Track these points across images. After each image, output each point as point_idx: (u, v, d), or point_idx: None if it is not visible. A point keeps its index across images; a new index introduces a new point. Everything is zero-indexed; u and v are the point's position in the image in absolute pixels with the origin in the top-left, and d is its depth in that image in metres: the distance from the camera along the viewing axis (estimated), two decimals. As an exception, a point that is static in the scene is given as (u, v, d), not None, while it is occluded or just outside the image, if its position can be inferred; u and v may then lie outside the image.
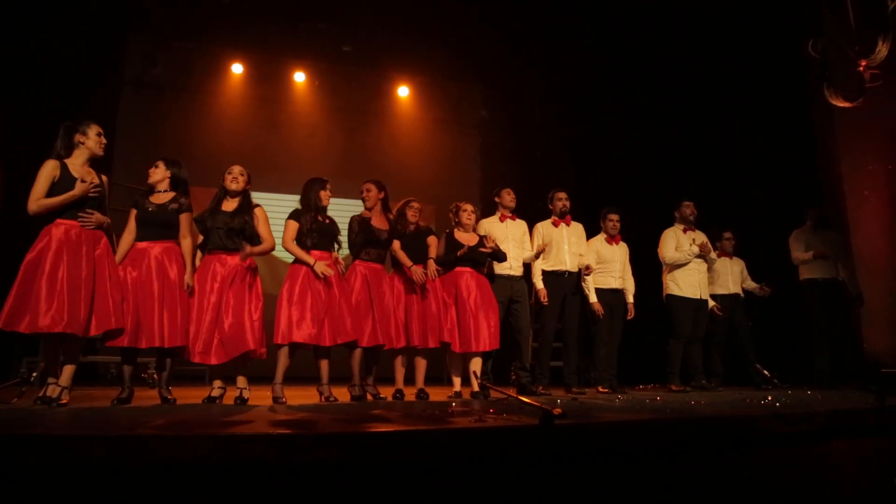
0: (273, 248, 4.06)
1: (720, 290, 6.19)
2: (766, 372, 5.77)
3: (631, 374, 6.26)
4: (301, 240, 4.18)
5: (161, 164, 3.99)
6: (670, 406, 3.69)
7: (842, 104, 5.26)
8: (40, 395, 3.45)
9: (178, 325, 3.77)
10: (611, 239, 5.73)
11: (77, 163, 3.64)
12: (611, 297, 5.58)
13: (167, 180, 3.97)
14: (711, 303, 6.10)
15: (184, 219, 3.92)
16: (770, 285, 6.13)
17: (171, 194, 3.96)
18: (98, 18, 7.10)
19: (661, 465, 2.55)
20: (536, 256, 5.28)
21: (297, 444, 2.13)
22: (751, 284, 6.25)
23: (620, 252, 5.74)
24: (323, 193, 4.27)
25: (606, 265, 5.63)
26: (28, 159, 3.74)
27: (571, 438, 2.39)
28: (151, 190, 3.96)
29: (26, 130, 4.07)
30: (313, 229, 4.18)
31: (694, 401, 4.11)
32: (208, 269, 3.91)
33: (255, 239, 4.02)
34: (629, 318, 5.70)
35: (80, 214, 3.55)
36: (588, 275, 5.42)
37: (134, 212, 3.89)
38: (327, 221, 4.29)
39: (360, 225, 4.46)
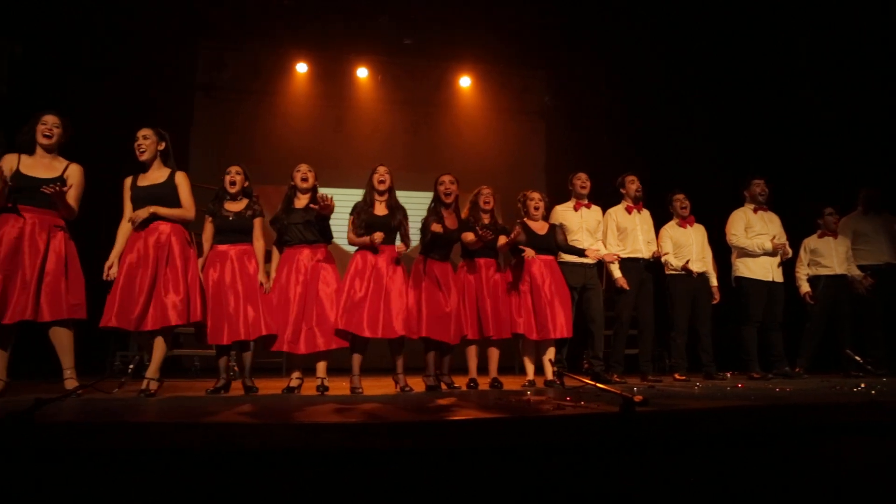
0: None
1: (824, 272, 5.82)
2: (857, 358, 5.43)
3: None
4: (356, 232, 4.25)
5: (242, 173, 4.18)
6: (753, 393, 3.56)
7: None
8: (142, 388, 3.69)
9: (261, 318, 3.96)
10: (683, 222, 5.55)
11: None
12: (690, 281, 5.41)
13: (242, 188, 4.17)
14: (806, 288, 5.82)
15: (257, 223, 4.15)
16: (874, 276, 5.73)
17: (245, 201, 4.18)
18: (169, 27, 7.39)
19: (747, 452, 2.46)
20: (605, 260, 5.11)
21: (374, 433, 2.15)
22: (854, 272, 5.83)
23: (696, 234, 5.54)
24: (375, 177, 4.31)
25: (682, 250, 5.45)
26: (107, 168, 3.97)
27: (654, 426, 2.33)
28: (224, 196, 4.15)
29: (105, 139, 4.33)
30: (363, 221, 4.22)
31: (778, 388, 3.95)
32: (292, 262, 4.11)
33: (327, 229, 4.19)
34: (715, 302, 5.52)
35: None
36: (658, 258, 5.27)
37: (210, 220, 4.12)
38: (384, 213, 4.29)
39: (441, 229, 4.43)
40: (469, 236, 4.51)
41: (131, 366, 3.60)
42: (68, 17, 6.53)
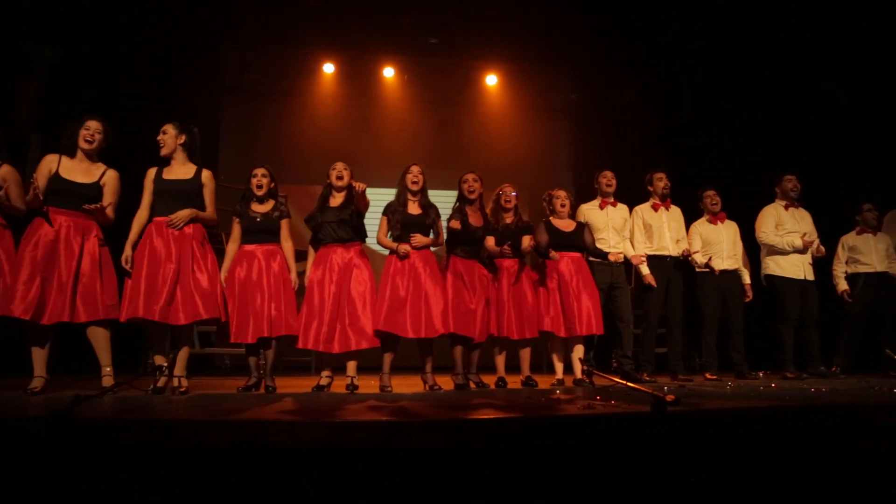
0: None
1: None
2: None
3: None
4: (391, 232, 4.27)
5: (269, 175, 4.20)
6: (788, 393, 3.50)
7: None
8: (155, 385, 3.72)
9: (283, 317, 3.98)
10: (714, 218, 5.46)
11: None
12: (721, 279, 5.32)
13: (269, 189, 4.20)
14: (843, 286, 5.69)
15: (284, 224, 4.18)
16: None
17: (272, 202, 4.21)
18: (196, 30, 7.49)
19: (781, 454, 2.42)
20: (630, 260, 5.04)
21: (407, 431, 2.16)
22: (895, 269, 5.68)
23: (728, 231, 5.46)
24: (408, 177, 4.31)
25: (713, 247, 5.37)
26: (138, 170, 4.06)
27: (686, 425, 2.30)
28: (251, 198, 4.17)
29: (134, 141, 4.44)
30: (398, 221, 4.24)
31: (814, 388, 3.87)
32: (326, 260, 4.10)
33: (361, 228, 4.20)
34: (747, 300, 5.44)
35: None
36: (687, 256, 5.20)
37: (238, 221, 4.15)
38: (417, 213, 4.30)
39: (459, 225, 4.45)
40: (489, 242, 4.52)
41: (165, 365, 3.63)
42: (99, 22, 6.65)
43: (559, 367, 4.69)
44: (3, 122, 4.00)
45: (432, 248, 4.35)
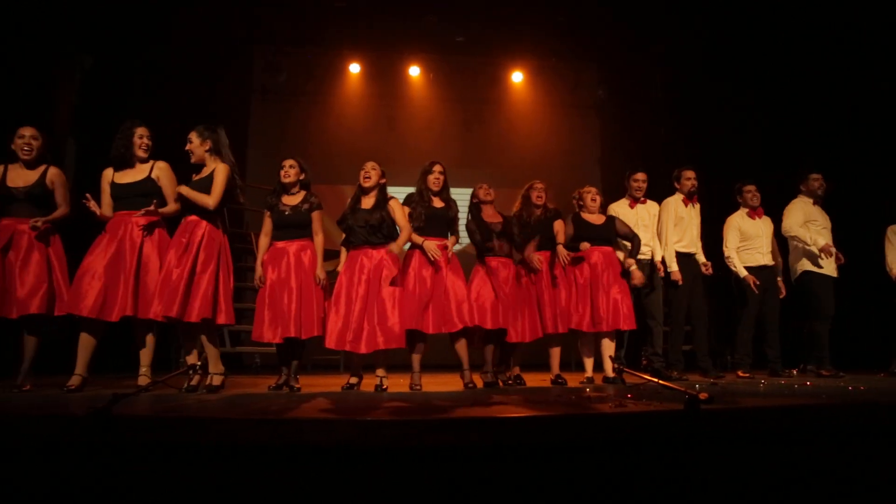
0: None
1: None
2: None
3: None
4: (413, 223, 4.25)
5: (297, 166, 4.15)
6: (825, 391, 3.44)
7: None
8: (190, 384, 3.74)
9: (314, 317, 3.95)
10: (753, 212, 5.38)
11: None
12: (760, 275, 5.24)
13: (299, 181, 4.16)
14: None
15: (315, 216, 4.10)
16: None
17: (302, 194, 4.14)
18: (226, 33, 7.60)
19: (817, 452, 2.37)
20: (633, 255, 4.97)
21: (433, 428, 2.17)
22: None
23: (765, 226, 5.39)
24: (430, 177, 4.31)
25: (752, 241, 5.31)
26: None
27: (721, 424, 2.27)
28: (281, 191, 4.15)
29: (168, 144, 4.53)
30: (421, 214, 4.23)
31: (851, 386, 3.80)
32: (355, 262, 4.08)
33: (394, 232, 4.18)
34: (781, 296, 5.35)
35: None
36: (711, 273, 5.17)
37: (269, 215, 4.12)
38: (441, 206, 4.30)
39: (475, 224, 4.48)
40: (529, 252, 4.56)
41: (199, 363, 3.67)
42: (133, 28, 6.78)
43: (589, 364, 4.66)
44: (43, 126, 4.10)
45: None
